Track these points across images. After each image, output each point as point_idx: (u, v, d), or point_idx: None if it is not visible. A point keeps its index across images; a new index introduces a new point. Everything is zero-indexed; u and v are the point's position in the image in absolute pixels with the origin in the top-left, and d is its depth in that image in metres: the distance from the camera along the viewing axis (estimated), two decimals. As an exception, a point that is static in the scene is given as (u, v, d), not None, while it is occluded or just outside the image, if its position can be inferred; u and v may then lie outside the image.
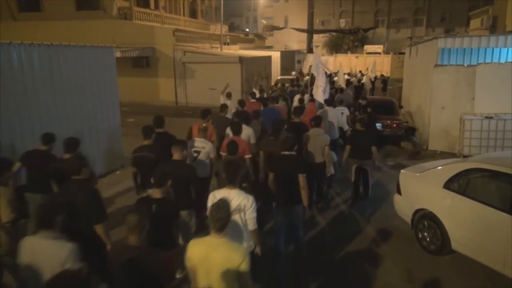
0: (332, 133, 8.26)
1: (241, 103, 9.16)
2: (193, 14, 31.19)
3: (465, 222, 5.23)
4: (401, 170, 6.63)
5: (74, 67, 8.08)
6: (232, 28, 48.40)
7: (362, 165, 7.35)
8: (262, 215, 4.84)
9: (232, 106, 9.67)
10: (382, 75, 24.08)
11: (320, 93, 10.29)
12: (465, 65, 10.99)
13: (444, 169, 5.83)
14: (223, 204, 3.06)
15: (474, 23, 28.13)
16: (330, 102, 9.35)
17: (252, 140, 6.47)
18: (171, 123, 7.74)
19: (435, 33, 40.31)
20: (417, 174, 6.23)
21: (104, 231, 3.90)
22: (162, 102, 20.13)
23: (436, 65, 11.13)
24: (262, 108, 8.90)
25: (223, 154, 5.84)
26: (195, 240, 3.12)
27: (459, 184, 5.41)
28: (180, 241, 4.55)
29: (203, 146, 5.80)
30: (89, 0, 22.24)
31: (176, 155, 4.89)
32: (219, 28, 26.54)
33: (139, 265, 2.88)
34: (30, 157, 5.34)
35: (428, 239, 5.78)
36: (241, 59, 19.64)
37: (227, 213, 3.03)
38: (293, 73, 25.75)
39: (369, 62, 25.87)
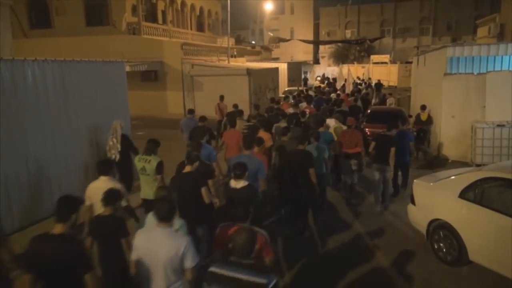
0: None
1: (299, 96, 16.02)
2: (200, 27, 31.56)
3: (482, 232, 5.15)
4: (414, 180, 6.56)
5: (87, 82, 8.19)
6: (238, 40, 48.68)
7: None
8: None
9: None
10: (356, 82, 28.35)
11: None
12: (475, 73, 10.93)
13: (459, 179, 5.76)
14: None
15: (481, 31, 28.05)
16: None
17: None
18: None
19: (442, 41, 40.20)
20: (431, 184, 6.17)
21: None
22: (171, 115, 20.21)
23: (446, 74, 11.09)
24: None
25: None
26: None
27: (475, 193, 5.34)
28: None
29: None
30: (99, 16, 22.69)
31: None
32: (226, 41, 26.73)
33: None
34: None
35: (444, 250, 5.69)
36: (249, 71, 19.72)
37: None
38: (330, 78, 33.86)
39: (378, 72, 26.72)
